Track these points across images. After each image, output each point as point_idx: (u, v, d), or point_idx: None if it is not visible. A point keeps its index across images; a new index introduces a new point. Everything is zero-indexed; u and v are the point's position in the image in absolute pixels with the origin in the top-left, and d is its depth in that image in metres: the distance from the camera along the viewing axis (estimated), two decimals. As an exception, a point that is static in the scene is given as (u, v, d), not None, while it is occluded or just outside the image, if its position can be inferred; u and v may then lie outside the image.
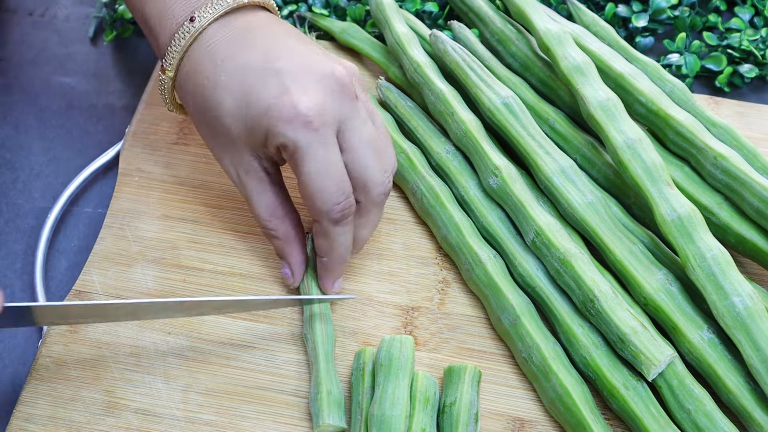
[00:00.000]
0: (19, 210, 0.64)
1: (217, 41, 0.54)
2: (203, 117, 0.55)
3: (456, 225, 0.59)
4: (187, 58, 0.55)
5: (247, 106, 0.52)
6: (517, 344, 0.55)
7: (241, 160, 0.55)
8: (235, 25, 0.55)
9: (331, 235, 0.54)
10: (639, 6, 0.73)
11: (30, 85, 0.71)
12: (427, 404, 0.52)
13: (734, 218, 0.57)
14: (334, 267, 0.56)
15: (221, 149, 0.56)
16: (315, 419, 0.52)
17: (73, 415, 0.53)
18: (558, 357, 0.54)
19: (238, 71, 0.53)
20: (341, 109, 0.53)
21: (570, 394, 0.52)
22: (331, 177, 0.52)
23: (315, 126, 0.51)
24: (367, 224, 0.56)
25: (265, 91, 0.52)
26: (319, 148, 0.52)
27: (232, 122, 0.53)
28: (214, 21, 0.54)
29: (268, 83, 0.52)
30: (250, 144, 0.54)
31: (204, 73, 0.54)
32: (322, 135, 0.52)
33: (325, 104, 0.52)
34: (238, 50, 0.53)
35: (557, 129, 0.63)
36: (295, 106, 0.51)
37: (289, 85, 0.52)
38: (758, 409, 0.50)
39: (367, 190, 0.54)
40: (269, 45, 0.54)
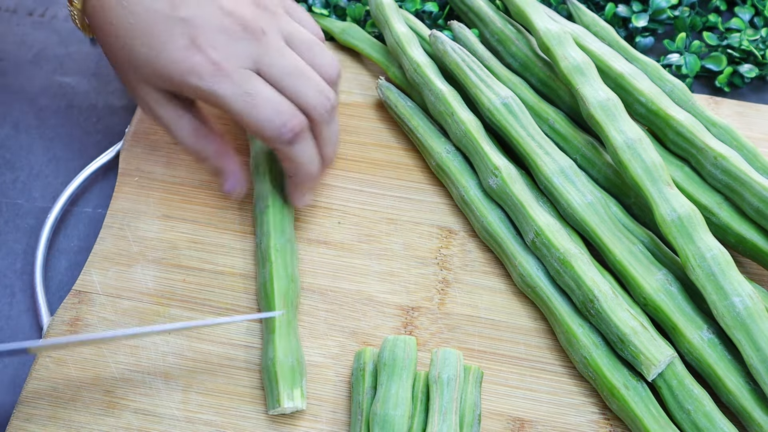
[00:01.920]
0: (18, 210, 0.64)
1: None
2: (113, 55, 0.56)
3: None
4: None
5: (155, 56, 0.53)
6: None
7: (155, 96, 0.56)
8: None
9: (292, 155, 0.55)
10: (639, 6, 0.73)
11: (30, 85, 0.71)
12: (427, 404, 0.52)
13: (734, 218, 0.57)
14: (303, 184, 0.57)
15: (132, 86, 0.56)
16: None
17: (73, 414, 0.53)
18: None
19: (144, 16, 0.53)
20: (251, 48, 0.53)
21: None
22: (264, 105, 0.53)
23: (228, 72, 0.52)
24: (324, 142, 0.57)
25: (172, 43, 0.53)
26: (236, 88, 0.53)
27: (143, 68, 0.54)
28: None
29: (174, 34, 0.53)
30: (162, 86, 0.55)
31: (111, 12, 0.54)
32: (237, 76, 0.53)
33: (233, 50, 0.53)
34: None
35: (557, 129, 0.63)
36: (203, 59, 0.52)
37: (195, 36, 0.52)
38: (758, 409, 0.50)
39: (307, 113, 0.55)
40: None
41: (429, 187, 0.64)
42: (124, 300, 0.57)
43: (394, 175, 0.64)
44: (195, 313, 0.57)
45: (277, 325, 0.54)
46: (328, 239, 0.61)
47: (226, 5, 0.54)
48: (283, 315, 0.55)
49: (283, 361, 0.53)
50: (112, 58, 0.56)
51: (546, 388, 0.55)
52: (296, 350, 0.54)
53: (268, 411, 0.52)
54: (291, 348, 0.54)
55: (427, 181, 0.64)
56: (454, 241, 0.61)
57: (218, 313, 0.57)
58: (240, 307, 0.57)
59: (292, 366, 0.53)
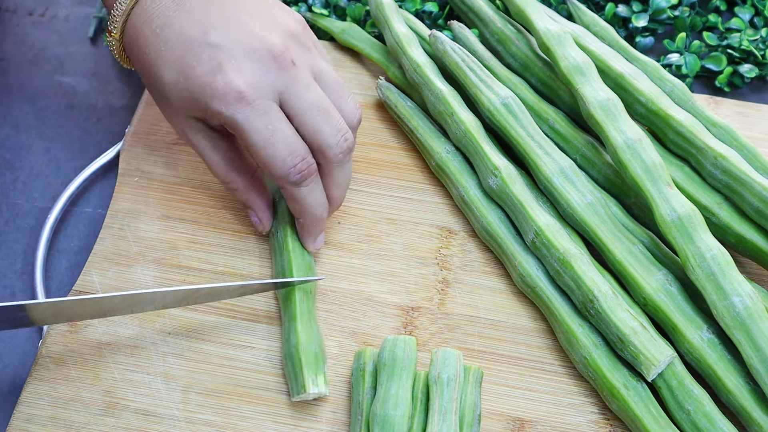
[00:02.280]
0: (19, 210, 0.64)
1: (158, 6, 0.54)
2: (148, 84, 0.56)
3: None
4: (130, 22, 0.55)
5: (184, 81, 0.53)
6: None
7: (189, 124, 0.56)
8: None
9: (297, 197, 0.55)
10: (639, 6, 0.73)
11: (30, 85, 0.71)
12: (427, 404, 0.52)
13: (734, 218, 0.57)
14: (310, 226, 0.57)
15: (169, 113, 0.57)
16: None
17: (73, 415, 0.53)
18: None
19: (175, 43, 0.53)
20: (277, 79, 0.53)
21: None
22: (279, 143, 0.53)
23: (250, 100, 0.52)
24: (335, 184, 0.57)
25: (200, 68, 0.53)
26: (258, 119, 0.52)
27: (172, 95, 0.54)
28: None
29: (202, 59, 0.53)
30: (191, 114, 0.55)
31: (145, 41, 0.54)
32: (260, 107, 0.52)
33: (258, 78, 0.52)
34: (175, 17, 0.54)
35: (557, 129, 0.63)
36: (228, 84, 0.52)
37: (222, 61, 0.52)
38: (758, 409, 0.50)
39: (322, 152, 0.55)
40: (208, 12, 0.54)
41: (429, 187, 0.64)
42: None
43: (394, 175, 0.64)
44: (194, 312, 0.57)
45: (298, 312, 0.55)
46: (327, 239, 0.61)
47: (258, 32, 0.53)
48: (303, 302, 0.55)
49: (307, 347, 0.53)
50: (149, 87, 0.57)
51: (546, 388, 0.55)
52: (318, 337, 0.54)
53: (292, 398, 0.53)
54: (313, 335, 0.54)
55: (427, 181, 0.64)
56: (454, 241, 0.61)
57: (218, 314, 0.57)
58: (240, 306, 0.57)
59: (316, 353, 0.53)
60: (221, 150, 0.57)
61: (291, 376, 0.53)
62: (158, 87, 0.55)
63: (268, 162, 0.53)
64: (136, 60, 0.56)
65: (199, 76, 0.53)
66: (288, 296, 0.56)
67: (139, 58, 0.56)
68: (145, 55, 0.55)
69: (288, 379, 0.53)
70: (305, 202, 0.56)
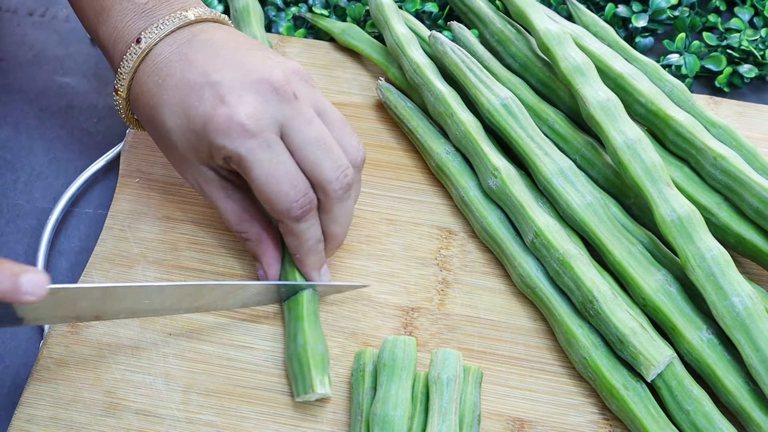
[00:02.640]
0: (19, 211, 0.64)
1: (161, 60, 0.54)
2: (155, 136, 0.56)
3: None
4: (136, 79, 0.55)
5: (187, 122, 0.53)
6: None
7: (199, 172, 0.55)
8: (179, 40, 0.55)
9: (296, 232, 0.55)
10: (639, 6, 0.73)
11: (30, 85, 0.71)
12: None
13: (734, 218, 0.57)
14: (307, 261, 0.56)
15: (179, 164, 0.56)
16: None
17: (74, 415, 0.53)
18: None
19: (177, 89, 0.53)
20: (279, 111, 0.52)
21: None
22: (282, 178, 0.52)
23: (253, 132, 0.51)
24: (334, 221, 0.56)
25: (201, 106, 0.52)
26: (261, 152, 0.52)
27: (178, 140, 0.54)
28: (160, 40, 0.55)
29: (203, 97, 0.52)
30: (199, 158, 0.54)
31: (149, 93, 0.54)
32: (263, 139, 0.52)
33: (261, 110, 0.52)
34: (178, 67, 0.54)
35: (557, 129, 0.63)
36: (230, 116, 0.51)
37: (223, 95, 0.52)
38: (757, 409, 0.51)
39: (322, 188, 0.54)
40: (208, 58, 0.54)
41: (429, 188, 0.64)
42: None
43: (393, 176, 0.64)
44: (195, 313, 0.57)
45: (305, 312, 0.55)
46: (328, 240, 0.61)
47: (260, 69, 0.53)
48: (310, 303, 0.55)
49: (314, 348, 0.53)
50: (156, 139, 0.56)
51: (545, 388, 0.55)
52: (323, 338, 0.55)
53: (296, 398, 0.53)
54: (319, 336, 0.54)
55: (426, 181, 0.64)
56: (454, 242, 0.61)
57: (219, 315, 0.57)
58: (240, 308, 0.58)
59: (322, 354, 0.53)
60: (235, 200, 0.56)
61: (297, 376, 0.53)
62: (163, 135, 0.55)
63: (271, 197, 0.53)
64: (142, 114, 0.56)
65: (201, 114, 0.52)
66: (295, 297, 0.56)
67: (144, 112, 0.55)
68: (149, 107, 0.55)
69: (292, 379, 0.54)
70: (303, 237, 0.55)
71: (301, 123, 0.53)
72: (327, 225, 0.56)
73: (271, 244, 0.57)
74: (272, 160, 0.52)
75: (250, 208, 0.57)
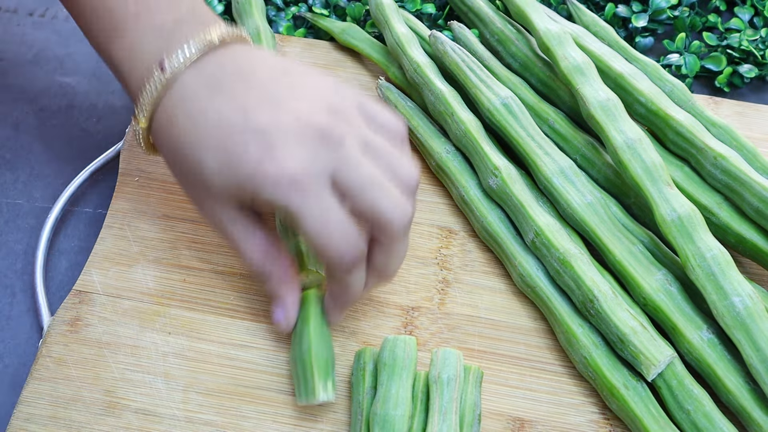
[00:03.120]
0: (19, 210, 0.64)
1: (190, 91, 0.51)
2: (181, 171, 0.53)
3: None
4: (161, 108, 0.52)
5: (228, 168, 0.50)
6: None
7: (225, 211, 0.53)
8: (207, 66, 0.52)
9: (343, 282, 0.53)
10: (639, 6, 0.73)
11: (30, 85, 0.71)
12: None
13: (734, 218, 0.57)
14: (344, 306, 0.55)
15: (202, 201, 0.54)
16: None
17: (74, 415, 0.53)
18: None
19: (216, 130, 0.50)
20: (328, 159, 0.50)
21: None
22: (334, 231, 0.50)
23: (304, 185, 0.49)
24: (394, 257, 0.53)
25: (247, 155, 0.49)
26: (313, 206, 0.49)
27: (214, 181, 0.51)
28: (186, 68, 0.51)
29: (249, 145, 0.50)
30: (235, 202, 0.52)
31: (179, 128, 0.52)
32: (314, 192, 0.49)
33: (310, 162, 0.49)
34: (213, 102, 0.51)
35: (557, 129, 0.63)
36: (280, 170, 0.49)
37: (272, 145, 0.49)
38: (758, 409, 0.50)
39: (380, 227, 0.51)
40: (244, 91, 0.51)
41: (429, 187, 0.64)
42: (124, 300, 0.58)
43: (394, 175, 0.64)
44: (195, 313, 0.57)
45: (312, 314, 0.54)
46: (328, 239, 0.61)
47: (303, 113, 0.50)
48: (318, 305, 0.55)
49: (319, 352, 0.53)
50: (178, 173, 0.54)
51: (546, 388, 0.55)
52: (329, 341, 0.54)
53: (298, 401, 0.53)
54: (325, 339, 0.54)
55: (427, 181, 0.64)
56: (454, 241, 0.61)
57: (219, 314, 0.57)
58: (241, 307, 0.58)
59: (327, 359, 0.53)
60: (258, 239, 0.53)
61: (300, 380, 0.53)
62: (196, 174, 0.51)
63: (324, 248, 0.50)
64: (168, 147, 0.53)
65: (246, 163, 0.49)
66: (303, 299, 0.55)
67: (171, 146, 0.52)
68: (179, 143, 0.52)
69: (295, 381, 0.53)
70: (349, 287, 0.53)
71: (351, 168, 0.50)
72: (384, 262, 0.53)
73: (294, 285, 0.55)
74: (323, 213, 0.49)
75: (274, 246, 0.54)
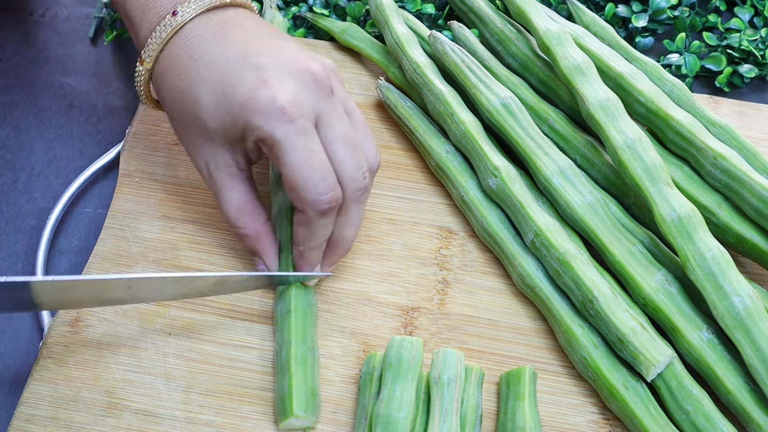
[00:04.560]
0: (19, 210, 0.64)
1: (196, 36, 0.54)
2: (179, 111, 0.56)
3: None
4: (167, 51, 0.55)
5: (224, 100, 0.53)
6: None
7: (214, 155, 0.55)
8: (215, 20, 0.55)
9: (312, 226, 0.54)
10: (639, 6, 0.73)
11: (30, 85, 0.71)
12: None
13: (734, 218, 0.57)
14: (309, 255, 0.56)
15: (194, 144, 0.56)
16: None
17: (74, 415, 0.53)
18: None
19: (215, 66, 0.53)
20: (317, 102, 0.53)
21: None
22: (314, 167, 0.52)
23: (292, 117, 0.51)
24: (347, 223, 0.56)
25: (242, 86, 0.52)
26: (298, 138, 0.52)
27: (209, 117, 0.54)
28: (195, 16, 0.55)
29: (244, 77, 0.52)
30: (226, 138, 0.54)
31: (181, 67, 0.54)
32: (301, 126, 0.52)
33: (301, 97, 0.52)
34: (216, 46, 0.54)
35: (557, 129, 0.63)
36: (272, 98, 0.51)
37: (266, 78, 0.52)
38: (757, 409, 0.51)
39: (344, 186, 0.54)
40: (247, 41, 0.54)
41: (429, 188, 0.64)
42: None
43: (393, 175, 0.64)
44: (195, 313, 0.57)
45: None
46: (328, 240, 0.61)
47: (301, 59, 0.53)
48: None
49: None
50: (178, 116, 0.56)
51: (546, 388, 0.55)
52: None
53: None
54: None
55: (426, 181, 0.64)
56: (454, 242, 0.61)
57: (219, 315, 0.57)
58: (240, 307, 0.58)
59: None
60: (239, 191, 0.56)
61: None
62: (191, 111, 0.54)
63: (300, 184, 0.52)
64: (166, 89, 0.55)
65: (241, 94, 0.52)
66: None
67: (170, 86, 0.55)
68: (179, 81, 0.54)
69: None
70: (317, 232, 0.54)
71: (335, 118, 0.53)
72: (340, 228, 0.56)
73: (270, 239, 0.57)
74: (307, 147, 0.52)
75: (252, 203, 0.57)
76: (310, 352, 0.54)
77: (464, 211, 0.62)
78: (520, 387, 0.53)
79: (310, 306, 0.56)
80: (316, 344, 0.55)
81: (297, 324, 0.54)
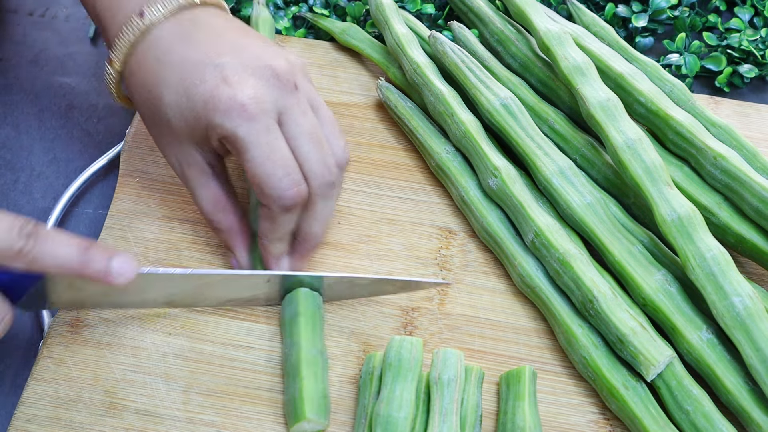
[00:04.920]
0: (20, 211, 0.64)
1: (162, 37, 0.54)
2: (147, 111, 0.56)
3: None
4: (134, 52, 0.55)
5: (186, 100, 0.53)
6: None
7: (184, 154, 0.56)
8: (182, 20, 0.55)
9: (276, 221, 0.54)
10: (639, 6, 0.73)
11: (30, 86, 0.71)
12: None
13: (734, 218, 0.57)
14: (274, 247, 0.56)
15: (165, 143, 0.56)
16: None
17: (74, 415, 0.53)
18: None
19: (178, 66, 0.53)
20: (279, 98, 0.53)
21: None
22: (277, 162, 0.52)
23: (253, 114, 0.52)
24: (315, 218, 0.56)
25: (203, 85, 0.52)
26: (260, 135, 0.52)
27: (174, 117, 0.54)
28: (164, 18, 0.55)
29: (206, 76, 0.52)
30: (192, 137, 0.54)
31: (148, 69, 0.54)
32: (262, 122, 0.52)
33: (262, 93, 0.52)
34: (180, 46, 0.54)
35: (557, 129, 0.63)
36: (232, 96, 0.52)
37: (226, 76, 0.52)
38: (757, 409, 0.51)
39: (308, 181, 0.54)
40: (212, 41, 0.54)
41: (429, 188, 0.64)
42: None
43: (394, 176, 0.64)
44: (195, 313, 0.57)
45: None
46: (328, 240, 0.61)
47: (264, 56, 0.54)
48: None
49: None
50: (147, 115, 0.56)
51: (545, 388, 0.55)
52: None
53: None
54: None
55: (427, 181, 0.64)
56: (454, 242, 0.61)
57: (219, 315, 0.57)
58: (240, 308, 0.58)
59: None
60: (212, 187, 0.56)
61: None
62: (158, 111, 0.54)
63: (264, 179, 0.52)
64: (136, 89, 0.56)
65: (202, 93, 0.52)
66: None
67: (138, 87, 0.55)
68: (146, 83, 0.55)
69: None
70: (281, 226, 0.55)
71: (298, 114, 0.54)
72: (307, 223, 0.56)
73: (243, 236, 0.58)
74: (269, 143, 0.52)
75: (225, 199, 0.57)
76: (320, 355, 0.54)
77: (464, 211, 0.62)
78: (520, 387, 0.53)
79: (319, 309, 0.56)
80: (324, 347, 0.55)
81: (306, 327, 0.54)
